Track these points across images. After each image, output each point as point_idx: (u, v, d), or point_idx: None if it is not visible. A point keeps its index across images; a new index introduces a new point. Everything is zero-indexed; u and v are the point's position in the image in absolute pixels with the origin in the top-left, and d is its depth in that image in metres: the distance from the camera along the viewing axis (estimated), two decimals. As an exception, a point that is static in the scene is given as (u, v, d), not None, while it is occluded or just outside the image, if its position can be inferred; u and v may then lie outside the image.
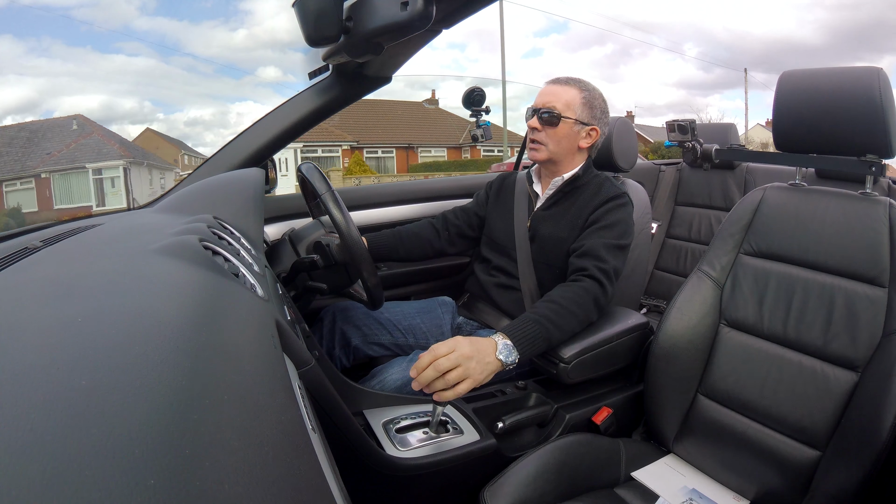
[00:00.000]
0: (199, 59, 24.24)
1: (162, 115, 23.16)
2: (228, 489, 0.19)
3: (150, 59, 22.09)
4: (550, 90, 1.12)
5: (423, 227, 1.29)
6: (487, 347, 0.85)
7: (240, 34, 23.97)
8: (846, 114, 0.87)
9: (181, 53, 23.41)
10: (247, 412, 0.26)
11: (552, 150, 1.12)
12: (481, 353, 0.83)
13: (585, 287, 0.98)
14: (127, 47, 23.04)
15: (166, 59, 23.73)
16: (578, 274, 1.01)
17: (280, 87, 24.23)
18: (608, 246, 1.04)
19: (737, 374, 0.92)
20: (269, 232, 1.29)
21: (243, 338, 0.35)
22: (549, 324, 0.92)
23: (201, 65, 24.01)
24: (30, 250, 0.49)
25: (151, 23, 23.33)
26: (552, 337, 0.92)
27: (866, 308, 0.82)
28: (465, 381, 0.80)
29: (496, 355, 0.85)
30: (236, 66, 25.13)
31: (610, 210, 1.08)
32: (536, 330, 0.91)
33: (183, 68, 22.98)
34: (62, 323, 0.27)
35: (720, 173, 2.22)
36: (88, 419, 0.19)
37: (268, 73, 24.76)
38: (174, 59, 23.76)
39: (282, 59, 25.05)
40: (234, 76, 25.04)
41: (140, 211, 0.96)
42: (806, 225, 0.91)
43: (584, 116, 1.11)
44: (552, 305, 0.95)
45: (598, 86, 1.15)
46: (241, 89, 24.22)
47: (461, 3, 0.85)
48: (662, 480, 0.91)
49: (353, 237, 0.95)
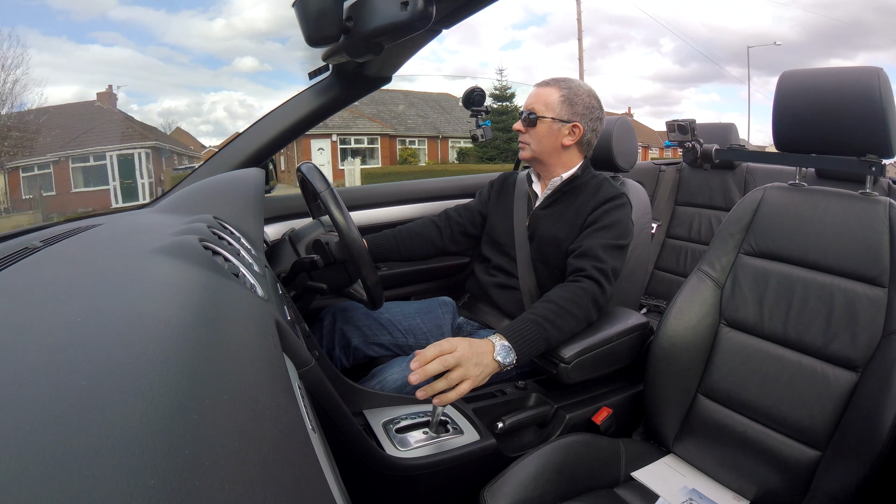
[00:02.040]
0: (176, 50, 23.98)
1: (136, 107, 22.86)
2: (228, 489, 0.19)
3: (126, 48, 21.82)
4: (534, 92, 1.16)
5: (424, 225, 1.29)
6: (485, 348, 0.85)
7: (218, 24, 23.75)
8: (846, 114, 0.87)
9: (158, 43, 23.15)
10: (247, 412, 0.26)
11: (535, 149, 1.15)
12: (479, 355, 0.83)
13: (584, 287, 0.99)
14: (103, 37, 22.71)
15: (143, 49, 23.45)
16: (577, 274, 1.02)
17: (256, 76, 24.00)
18: (606, 246, 1.04)
19: (737, 374, 0.92)
20: (269, 232, 1.29)
21: (243, 338, 0.35)
22: (548, 324, 0.92)
23: (178, 55, 23.79)
24: (30, 250, 0.49)
25: (129, 12, 22.95)
26: (551, 337, 0.92)
27: (866, 308, 0.81)
28: (465, 382, 0.80)
29: (494, 356, 0.85)
30: (213, 56, 24.93)
31: (608, 210, 1.09)
32: (535, 331, 0.91)
33: (159, 58, 22.69)
34: (62, 323, 0.27)
35: (720, 173, 2.22)
36: (88, 419, 0.19)
37: (245, 63, 24.57)
38: (151, 49, 23.48)
39: (259, 49, 24.86)
40: (210, 66, 24.84)
41: (140, 211, 0.96)
42: (806, 225, 0.91)
43: (563, 114, 1.13)
44: (550, 306, 0.95)
45: (575, 78, 1.18)
46: (217, 79, 24.00)
47: (461, 3, 0.85)
48: (662, 480, 0.91)
49: (351, 235, 0.95)
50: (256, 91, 25.86)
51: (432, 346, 0.81)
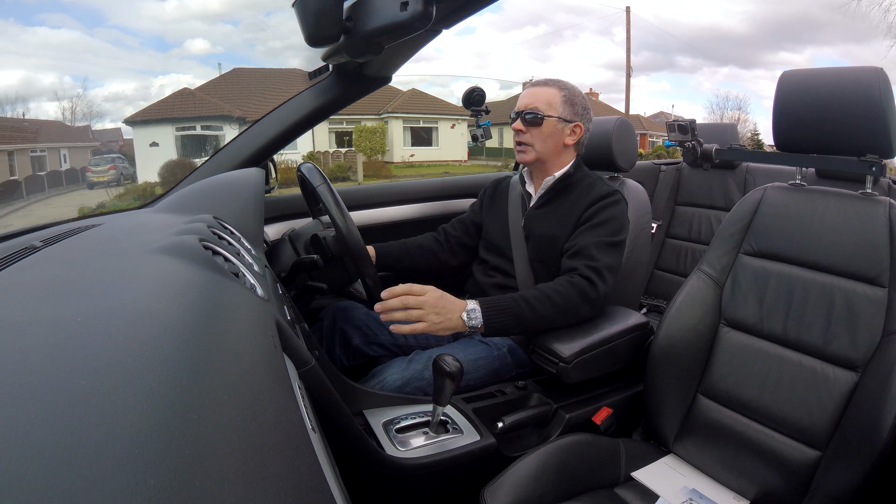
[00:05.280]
0: (126, 32, 23.35)
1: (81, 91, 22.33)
2: (228, 489, 0.19)
3: (74, 31, 21.14)
4: (531, 92, 1.15)
5: (427, 238, 1.30)
6: (454, 305, 0.93)
7: (170, 4, 23.04)
8: (846, 114, 0.87)
9: (107, 25, 22.52)
10: (247, 412, 0.26)
11: (539, 150, 1.14)
12: (445, 309, 0.92)
13: (572, 281, 1.00)
14: (51, 19, 22.06)
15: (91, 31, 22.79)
16: (569, 273, 1.03)
17: (206, 59, 23.55)
18: (600, 244, 1.05)
19: (737, 374, 0.92)
20: (269, 232, 1.29)
21: (243, 338, 0.35)
22: (524, 304, 0.96)
23: (127, 37, 23.09)
24: (30, 250, 0.49)
25: (80, -7, 22.22)
26: (522, 314, 0.95)
27: (866, 308, 0.81)
28: (420, 324, 0.91)
29: (461, 315, 0.93)
30: (163, 38, 24.38)
31: (602, 208, 1.09)
32: (509, 304, 0.95)
33: (108, 41, 21.97)
34: (62, 323, 0.27)
35: (720, 173, 2.22)
36: (88, 419, 0.19)
37: (195, 46, 24.01)
38: (99, 31, 22.72)
39: (211, 31, 24.18)
40: (160, 49, 24.23)
41: (140, 211, 0.96)
42: (806, 225, 0.91)
43: (566, 114, 1.13)
44: (534, 291, 0.99)
45: (528, 65, 1.21)
46: (166, 62, 23.42)
47: (461, 3, 0.85)
48: (662, 480, 0.91)
49: (348, 228, 0.95)
50: (206, 74, 25.01)
51: (404, 285, 0.91)
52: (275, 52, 26.05)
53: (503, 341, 1.12)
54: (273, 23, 26.12)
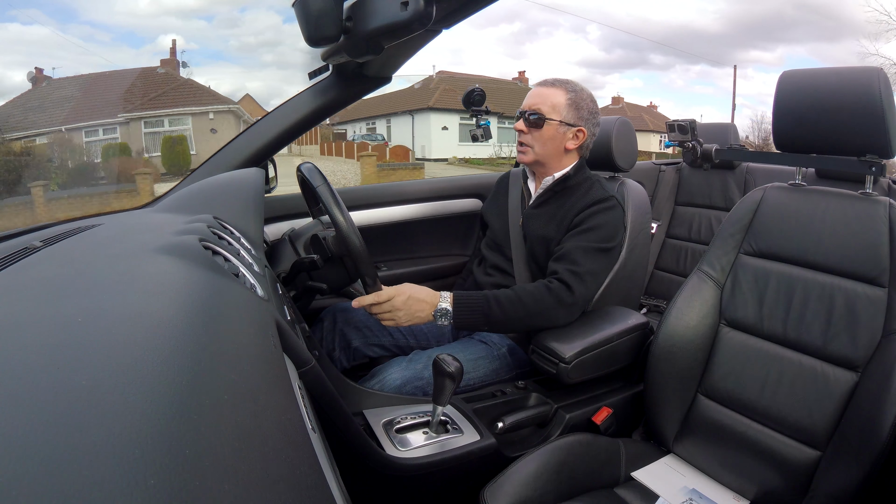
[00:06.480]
0: (98, 27, 23.08)
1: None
2: (228, 489, 0.19)
3: (46, 27, 20.90)
4: (537, 92, 1.13)
5: (475, 271, 1.27)
6: (424, 304, 0.97)
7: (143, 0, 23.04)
8: (846, 114, 0.87)
9: (79, 21, 22.27)
10: (247, 412, 0.26)
11: (538, 153, 1.13)
12: (413, 309, 0.96)
13: (549, 286, 1.00)
14: (23, 15, 21.75)
15: (63, 27, 22.57)
16: (549, 276, 1.03)
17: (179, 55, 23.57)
18: (587, 249, 1.04)
19: (737, 374, 0.92)
20: (269, 232, 1.29)
21: (243, 338, 0.35)
22: (495, 304, 0.97)
23: (99, 33, 22.77)
24: (30, 250, 0.49)
25: (54, -13, 21.96)
26: (491, 314, 0.97)
27: (866, 308, 0.81)
28: (391, 322, 0.97)
29: (431, 312, 0.97)
30: (136, 33, 24.12)
31: (594, 213, 1.07)
32: (479, 302, 0.98)
33: (80, 37, 21.70)
34: (62, 323, 0.27)
35: (720, 173, 2.22)
36: (88, 419, 0.19)
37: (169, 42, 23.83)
38: (72, 27, 22.52)
39: (185, 26, 23.99)
40: (132, 45, 23.88)
41: (140, 211, 0.96)
42: (806, 225, 0.91)
43: (569, 118, 1.11)
44: (508, 292, 1.00)
45: (503, 62, 1.20)
46: (138, 58, 23.01)
47: (461, 3, 0.85)
48: (662, 480, 0.91)
49: (348, 228, 0.95)
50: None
51: (371, 295, 0.95)
52: (250, 47, 25.87)
53: (503, 341, 1.12)
54: (248, 18, 25.94)
